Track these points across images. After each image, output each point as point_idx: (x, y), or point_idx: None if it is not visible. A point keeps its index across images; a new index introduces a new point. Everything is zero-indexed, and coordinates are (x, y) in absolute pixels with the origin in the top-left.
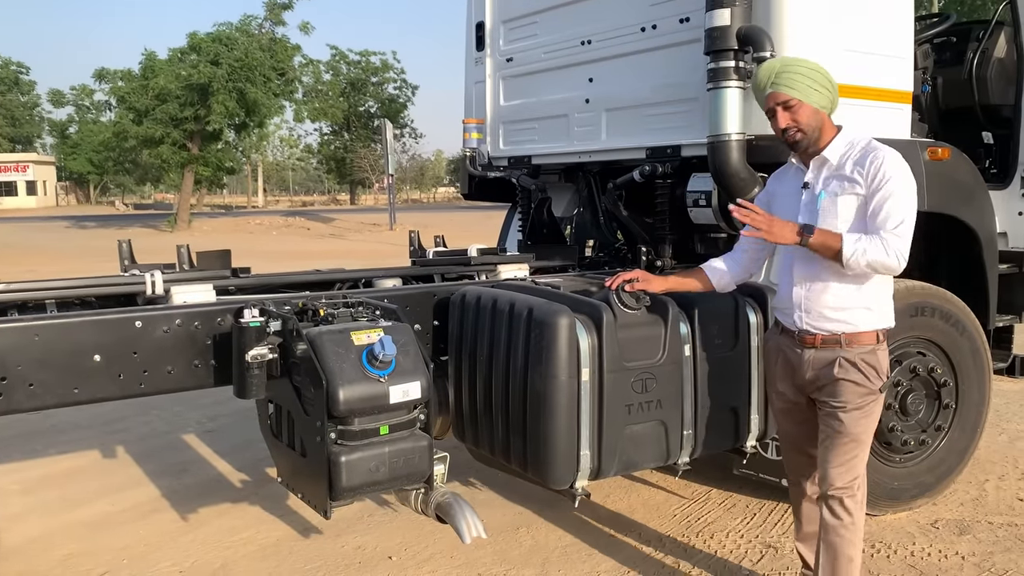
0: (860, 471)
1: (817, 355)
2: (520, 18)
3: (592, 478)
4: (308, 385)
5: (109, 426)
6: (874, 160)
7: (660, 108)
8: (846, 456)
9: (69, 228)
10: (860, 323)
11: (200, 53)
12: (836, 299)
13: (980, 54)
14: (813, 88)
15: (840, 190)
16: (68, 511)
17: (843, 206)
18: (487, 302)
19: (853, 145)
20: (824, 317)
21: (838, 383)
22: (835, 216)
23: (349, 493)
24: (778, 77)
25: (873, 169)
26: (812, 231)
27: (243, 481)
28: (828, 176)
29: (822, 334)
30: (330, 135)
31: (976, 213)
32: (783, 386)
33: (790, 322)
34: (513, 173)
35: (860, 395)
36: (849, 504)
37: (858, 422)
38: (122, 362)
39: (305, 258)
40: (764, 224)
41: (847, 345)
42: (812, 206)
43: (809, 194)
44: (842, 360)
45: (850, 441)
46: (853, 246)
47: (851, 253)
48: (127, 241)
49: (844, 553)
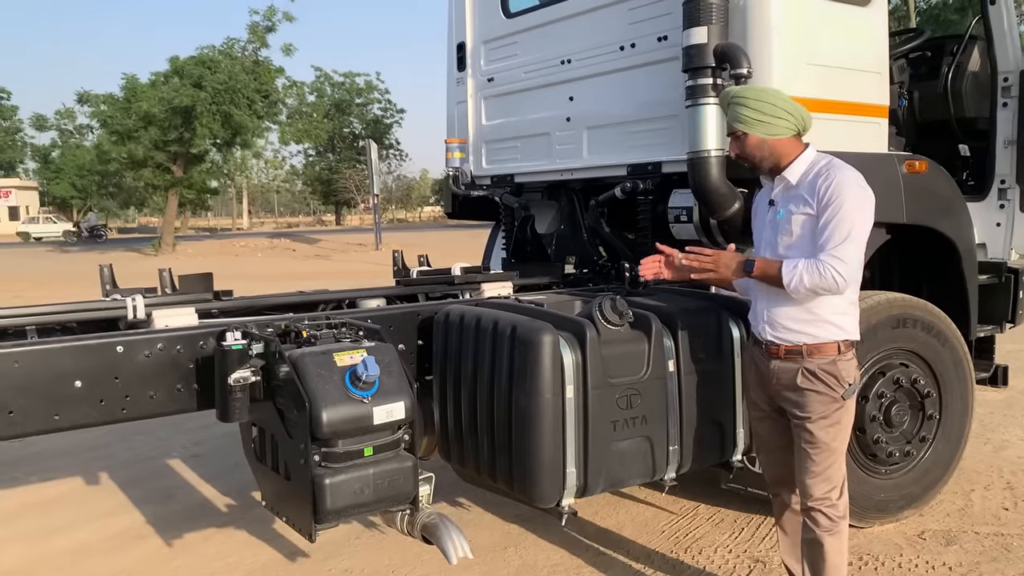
0: (837, 481)
1: (781, 366)
2: (500, 38)
3: (579, 495)
4: (291, 407)
5: (93, 452)
6: (826, 180)
7: (640, 125)
8: (820, 466)
9: (52, 252)
10: (821, 335)
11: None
12: (797, 311)
13: (955, 68)
14: (758, 119)
15: (795, 209)
16: (49, 540)
17: (795, 224)
18: (471, 321)
19: (814, 165)
20: (786, 328)
21: (801, 393)
22: (789, 234)
23: (334, 516)
24: (728, 108)
25: (823, 189)
26: (752, 266)
27: (229, 506)
28: (787, 195)
29: (785, 345)
30: (315, 156)
31: (955, 225)
32: (757, 396)
33: (758, 333)
34: (496, 191)
35: (823, 404)
36: (830, 513)
37: (826, 431)
38: (104, 387)
39: (290, 280)
40: (711, 264)
41: (808, 356)
42: (774, 223)
43: (773, 211)
44: (804, 371)
45: (822, 451)
46: (790, 274)
47: (789, 280)
48: (108, 266)
49: (829, 563)
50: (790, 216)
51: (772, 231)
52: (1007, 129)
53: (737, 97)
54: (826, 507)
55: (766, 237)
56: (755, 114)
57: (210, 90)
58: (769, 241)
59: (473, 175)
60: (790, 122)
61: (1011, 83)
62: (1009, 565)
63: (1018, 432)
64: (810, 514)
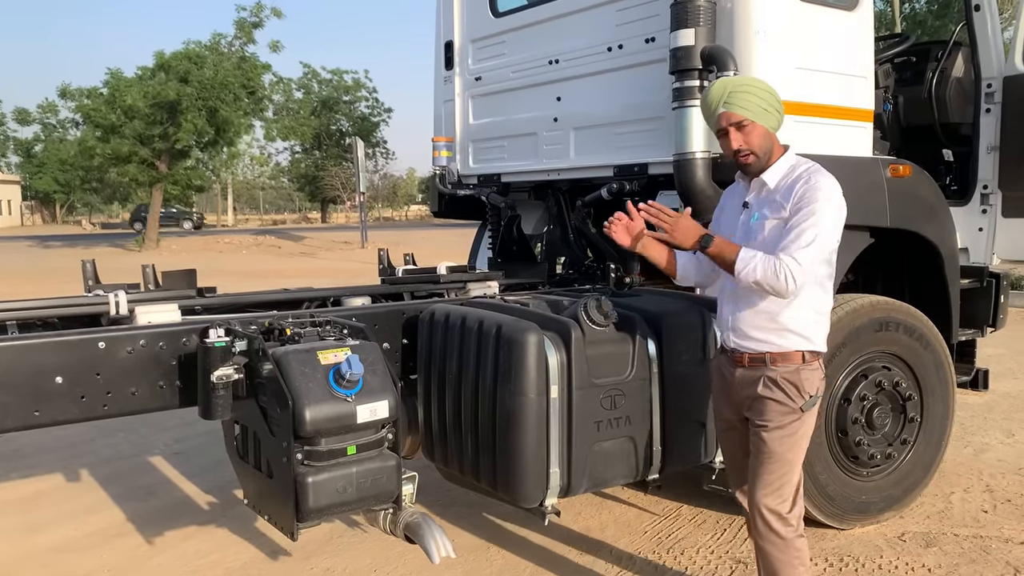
0: (788, 494)
1: (744, 374)
2: (488, 37)
3: (562, 495)
4: (274, 405)
5: (74, 448)
6: (802, 186)
7: (627, 127)
8: (772, 476)
9: (33, 248)
10: (784, 344)
11: (168, 72)
12: (760, 319)
13: (939, 74)
14: (765, 109)
15: (771, 214)
16: (30, 536)
17: (767, 229)
18: (456, 320)
19: (794, 169)
20: (748, 336)
21: (760, 401)
22: (764, 240)
23: (316, 514)
24: (731, 96)
25: (797, 195)
26: (710, 241)
27: (210, 503)
28: (764, 199)
29: (748, 353)
30: (301, 153)
31: (938, 229)
32: (722, 406)
33: (724, 341)
34: (483, 191)
35: (781, 414)
36: (778, 527)
37: (781, 441)
38: (85, 384)
39: (275, 277)
40: (669, 224)
41: (772, 364)
42: (746, 226)
43: (747, 214)
44: (765, 379)
45: (775, 461)
46: (745, 261)
47: (742, 267)
48: (91, 261)
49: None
50: (764, 222)
51: (743, 234)
52: (990, 135)
53: (742, 86)
54: (775, 520)
55: (737, 240)
56: (763, 104)
57: (196, 85)
58: (739, 243)
59: (460, 174)
60: (780, 119)
61: (994, 89)
62: (987, 567)
63: (998, 436)
64: (757, 523)
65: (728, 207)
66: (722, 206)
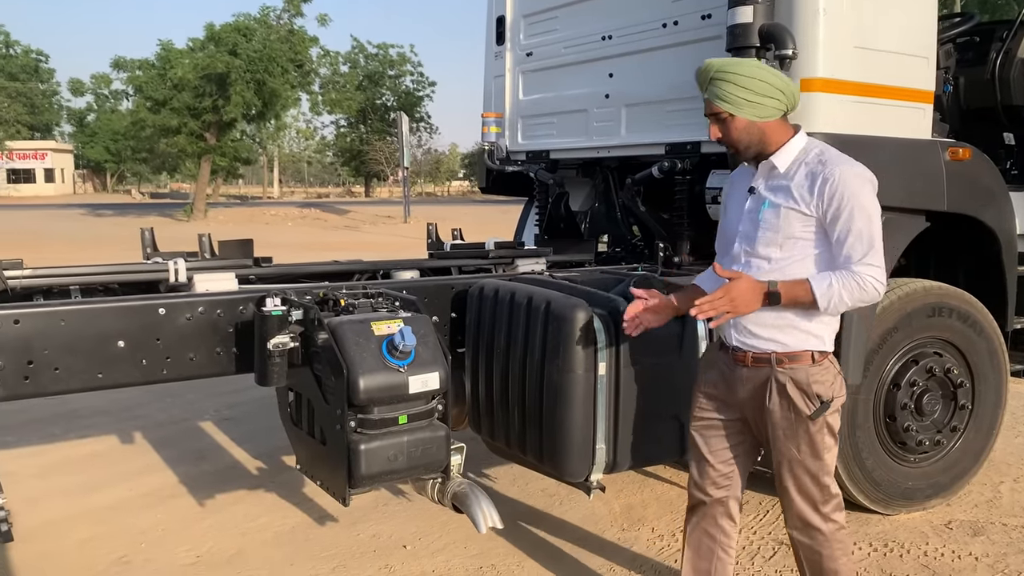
0: (820, 491)
1: (749, 375)
2: (541, 13)
3: (607, 471)
4: (329, 374)
5: (127, 412)
6: (829, 180)
7: (680, 104)
8: (798, 481)
9: (86, 216)
10: (791, 343)
11: (218, 44)
12: (766, 316)
13: (1003, 55)
14: (747, 99)
15: (785, 202)
16: (86, 495)
17: (786, 222)
18: (505, 295)
19: (807, 151)
20: (753, 334)
21: (772, 410)
22: (776, 231)
23: (368, 481)
24: (712, 84)
25: (828, 192)
26: (778, 296)
27: (259, 469)
28: (775, 184)
29: (752, 352)
30: (346, 128)
31: (996, 214)
32: (708, 402)
33: (724, 337)
34: (531, 167)
35: (792, 423)
36: (818, 523)
37: (798, 447)
38: (145, 348)
39: (321, 249)
40: (728, 306)
41: (778, 365)
42: (754, 214)
43: (754, 200)
44: (774, 384)
45: (797, 467)
46: (827, 295)
47: (826, 303)
48: (150, 229)
49: (827, 568)
50: (777, 209)
51: (751, 223)
52: None
53: (723, 72)
54: (814, 517)
55: (743, 230)
56: (745, 92)
57: (245, 58)
58: (746, 234)
59: (508, 150)
60: (781, 101)
61: None
62: None
63: None
64: (796, 524)
65: (734, 192)
66: (729, 191)
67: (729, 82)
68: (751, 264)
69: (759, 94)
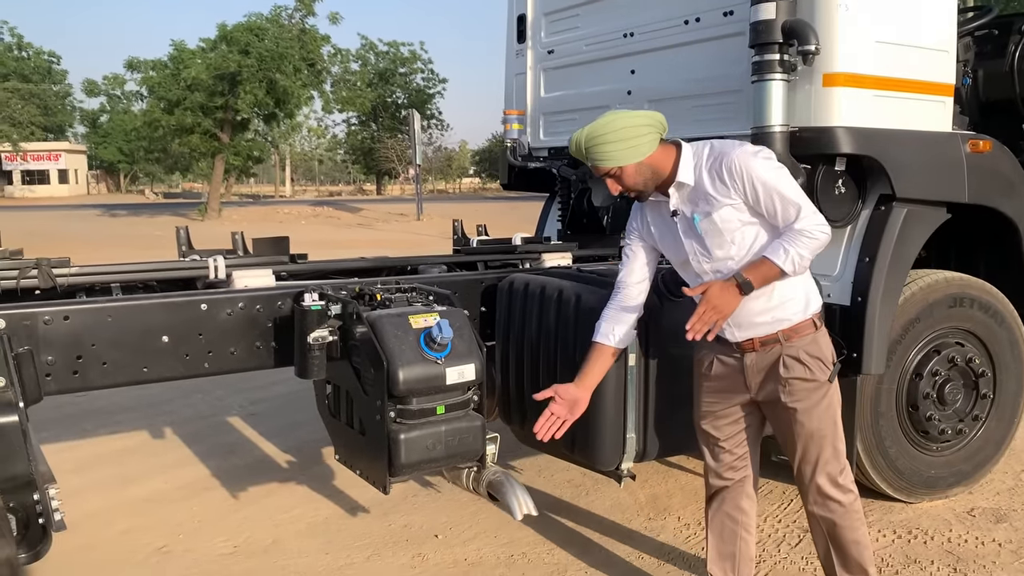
0: (837, 461)
1: (759, 358)
2: (562, 11)
3: (638, 460)
4: (368, 366)
5: (154, 408)
6: (731, 168)
7: (703, 100)
8: (817, 452)
9: (101, 216)
10: (792, 315)
11: (230, 44)
12: (758, 304)
13: (1022, 47)
14: (623, 149)
15: (710, 207)
16: (123, 488)
17: (723, 220)
18: (535, 289)
19: (699, 156)
20: (753, 324)
21: (786, 383)
22: (720, 233)
23: (407, 469)
24: (588, 152)
25: (738, 178)
26: (749, 283)
27: (289, 462)
28: (693, 197)
29: (760, 337)
30: (357, 126)
31: (1017, 205)
32: (714, 393)
33: (728, 336)
34: (553, 163)
35: (810, 391)
36: (837, 495)
37: (820, 418)
38: (188, 343)
39: (336, 247)
40: (714, 313)
41: (787, 340)
42: (692, 232)
43: (683, 221)
44: (785, 359)
45: (816, 437)
46: (788, 260)
47: (792, 267)
48: (184, 228)
49: (848, 539)
50: (709, 216)
51: (695, 240)
52: None
53: (591, 139)
54: (832, 490)
55: (691, 249)
56: (618, 144)
57: (256, 57)
58: (698, 250)
59: (530, 147)
60: (652, 131)
61: None
62: None
63: None
64: (816, 498)
65: (656, 222)
66: (649, 226)
67: (600, 144)
68: (719, 271)
69: (630, 138)
